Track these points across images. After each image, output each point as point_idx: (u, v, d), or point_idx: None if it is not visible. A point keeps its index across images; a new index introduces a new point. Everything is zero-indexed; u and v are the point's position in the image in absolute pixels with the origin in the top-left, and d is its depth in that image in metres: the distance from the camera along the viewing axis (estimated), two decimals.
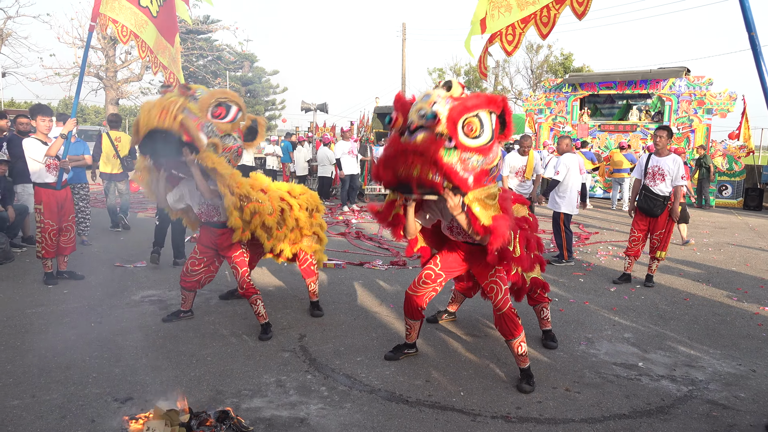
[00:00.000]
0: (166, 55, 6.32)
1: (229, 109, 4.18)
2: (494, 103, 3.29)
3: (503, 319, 3.72)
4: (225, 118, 4.15)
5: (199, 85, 4.28)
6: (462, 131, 3.12)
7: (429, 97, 3.22)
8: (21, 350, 4.14)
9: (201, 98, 4.03)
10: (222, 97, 4.16)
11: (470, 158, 3.16)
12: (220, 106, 4.12)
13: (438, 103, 3.15)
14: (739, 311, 5.60)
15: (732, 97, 15.02)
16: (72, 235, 6.08)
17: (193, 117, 3.93)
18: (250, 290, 4.55)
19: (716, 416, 3.43)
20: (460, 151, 3.11)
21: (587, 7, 3.71)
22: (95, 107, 52.03)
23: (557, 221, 7.53)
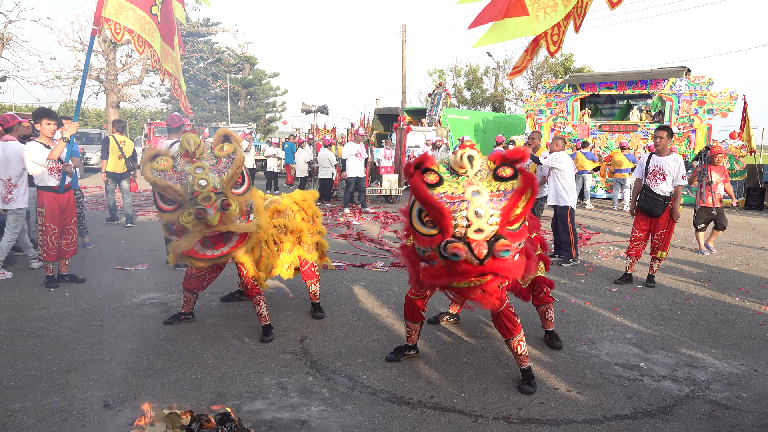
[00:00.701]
0: (169, 60, 6.28)
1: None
2: (529, 190, 3.19)
3: (501, 318, 3.72)
4: (242, 186, 4.26)
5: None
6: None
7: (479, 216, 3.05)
8: (22, 353, 4.14)
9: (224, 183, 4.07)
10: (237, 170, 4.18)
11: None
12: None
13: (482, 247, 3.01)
14: (741, 311, 5.59)
15: (732, 97, 15.00)
16: (74, 238, 6.09)
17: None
18: (255, 290, 4.55)
19: (718, 416, 3.43)
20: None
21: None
22: (96, 110, 52.04)
23: (564, 217, 7.49)
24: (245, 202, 4.18)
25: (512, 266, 3.19)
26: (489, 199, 3.10)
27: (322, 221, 5.33)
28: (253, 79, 43.90)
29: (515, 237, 3.15)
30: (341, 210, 12.77)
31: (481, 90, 38.56)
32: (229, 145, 4.19)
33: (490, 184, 3.18)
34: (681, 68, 15.59)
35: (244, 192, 4.19)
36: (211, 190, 3.92)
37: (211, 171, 4.02)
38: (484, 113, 27.23)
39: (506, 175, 3.13)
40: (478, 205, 3.03)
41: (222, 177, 4.01)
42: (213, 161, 4.13)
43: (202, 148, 4.14)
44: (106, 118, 28.61)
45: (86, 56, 6.11)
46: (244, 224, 4.21)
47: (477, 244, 2.96)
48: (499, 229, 3.05)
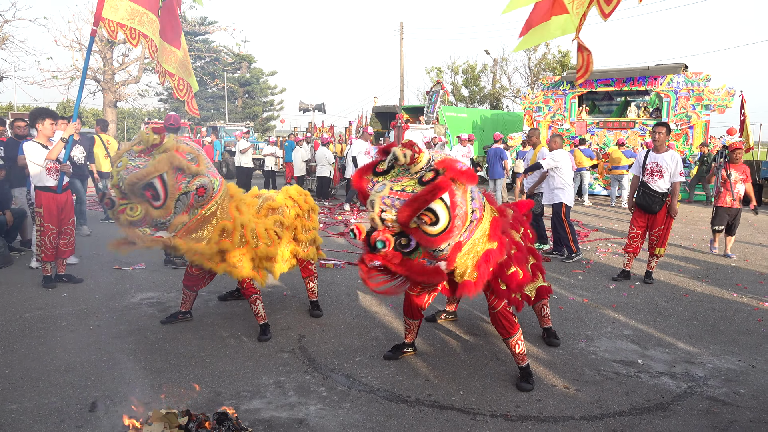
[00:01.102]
0: (171, 60, 6.23)
1: (155, 188, 3.94)
2: (438, 193, 3.13)
3: (499, 317, 3.71)
4: (158, 200, 3.96)
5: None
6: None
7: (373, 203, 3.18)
8: (19, 354, 4.14)
9: (130, 194, 3.93)
10: (141, 181, 3.89)
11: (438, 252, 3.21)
12: (147, 189, 3.92)
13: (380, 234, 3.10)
14: (739, 307, 5.60)
15: (730, 93, 15.01)
16: (71, 238, 6.08)
17: (138, 225, 4.01)
18: (250, 290, 4.55)
19: (716, 412, 3.43)
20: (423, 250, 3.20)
21: None
22: (93, 110, 51.98)
23: (558, 214, 7.54)
24: (159, 215, 3.95)
25: (416, 270, 3.18)
26: (388, 194, 3.12)
27: (318, 217, 5.32)
28: (250, 77, 43.86)
29: (428, 241, 3.08)
30: (341, 207, 12.75)
31: (479, 87, 38.53)
32: (154, 157, 3.89)
33: (412, 183, 3.15)
34: (678, 65, 15.60)
35: (159, 205, 3.91)
36: (113, 184, 3.96)
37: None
38: (482, 111, 27.20)
39: (426, 178, 3.09)
40: (372, 197, 3.17)
41: (128, 176, 3.86)
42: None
43: (160, 149, 3.95)
44: (104, 116, 28.58)
45: (85, 57, 6.07)
46: (144, 235, 4.03)
47: (356, 227, 3.17)
48: (402, 226, 3.07)
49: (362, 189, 3.33)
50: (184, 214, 4.06)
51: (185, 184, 3.96)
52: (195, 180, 4.01)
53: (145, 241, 4.02)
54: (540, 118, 17.68)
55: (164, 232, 4.07)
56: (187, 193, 3.99)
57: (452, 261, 3.23)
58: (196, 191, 4.02)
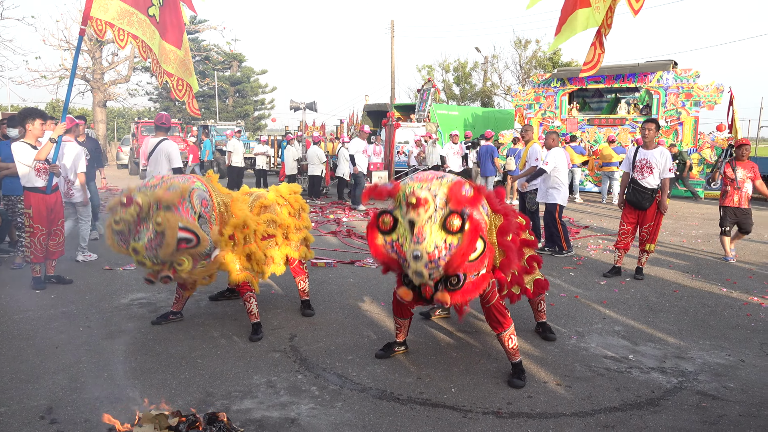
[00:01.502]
0: (171, 60, 6.18)
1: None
2: (480, 232, 3.22)
3: (492, 311, 3.72)
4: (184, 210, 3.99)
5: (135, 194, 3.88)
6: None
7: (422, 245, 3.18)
8: (8, 356, 4.10)
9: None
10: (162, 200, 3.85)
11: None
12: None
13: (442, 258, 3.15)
14: (728, 302, 5.64)
15: (719, 89, 15.11)
16: (61, 239, 6.03)
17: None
18: (245, 287, 4.53)
19: (706, 407, 3.45)
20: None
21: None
22: (83, 110, 51.61)
23: (552, 213, 7.60)
24: (202, 250, 4.02)
25: (470, 289, 3.27)
26: (428, 260, 3.12)
27: (308, 215, 5.31)
28: (241, 76, 43.67)
29: (472, 268, 3.20)
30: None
31: (470, 85, 38.54)
32: (158, 222, 3.77)
33: (438, 232, 3.13)
34: (668, 61, 15.68)
35: (197, 245, 3.92)
36: (153, 267, 3.94)
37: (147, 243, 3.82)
38: (473, 108, 27.23)
39: (454, 229, 3.09)
40: (417, 268, 3.16)
41: (158, 252, 3.81)
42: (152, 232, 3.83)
43: (145, 212, 3.83)
44: (93, 117, 28.37)
45: (74, 57, 6.02)
46: (204, 267, 4.21)
47: (424, 289, 3.29)
48: (451, 270, 3.15)
49: (388, 259, 3.34)
50: (212, 227, 4.19)
51: (191, 208, 3.99)
52: (192, 198, 4.02)
53: (210, 270, 4.29)
54: (531, 116, 17.73)
55: (214, 251, 4.29)
56: (200, 215, 4.07)
57: (490, 263, 3.42)
58: (201, 204, 4.09)
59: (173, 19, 6.15)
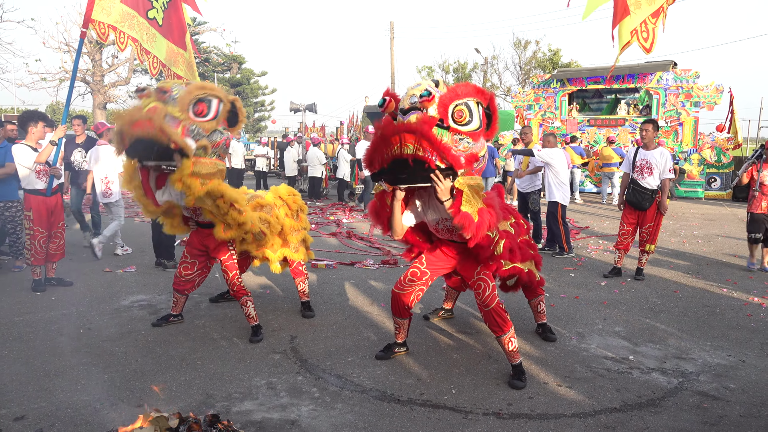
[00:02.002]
0: (179, 62, 6.16)
1: (209, 104, 3.98)
2: (482, 95, 3.36)
3: (491, 314, 3.72)
4: (207, 115, 3.96)
5: (173, 81, 4.09)
6: (452, 118, 3.21)
7: (420, 85, 3.30)
8: (8, 359, 4.10)
9: (179, 98, 3.83)
10: (200, 92, 3.94)
11: (461, 140, 3.24)
12: (201, 102, 3.93)
13: (430, 88, 3.25)
14: (729, 302, 5.63)
15: (719, 90, 15.11)
16: (61, 241, 6.03)
17: (175, 122, 3.80)
18: (241, 292, 4.53)
19: (706, 407, 3.45)
20: (452, 133, 3.20)
21: None
22: (83, 112, 51.65)
23: (554, 213, 7.63)
24: (212, 127, 3.99)
25: (417, 122, 3.11)
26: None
27: (306, 217, 5.31)
28: (241, 78, 43.68)
29: (464, 133, 3.24)
30: (334, 207, 12.73)
31: None
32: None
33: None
34: (667, 62, 15.68)
35: (214, 117, 3.99)
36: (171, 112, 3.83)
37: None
38: None
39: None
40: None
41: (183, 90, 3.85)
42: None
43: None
44: (93, 119, 28.38)
45: (75, 59, 6.02)
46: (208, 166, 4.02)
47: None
48: (440, 112, 3.19)
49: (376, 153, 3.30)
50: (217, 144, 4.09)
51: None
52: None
53: (212, 178, 4.01)
54: (531, 117, 17.73)
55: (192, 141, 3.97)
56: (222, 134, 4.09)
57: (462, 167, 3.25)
58: (225, 142, 4.13)
59: (176, 21, 6.15)
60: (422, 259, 3.96)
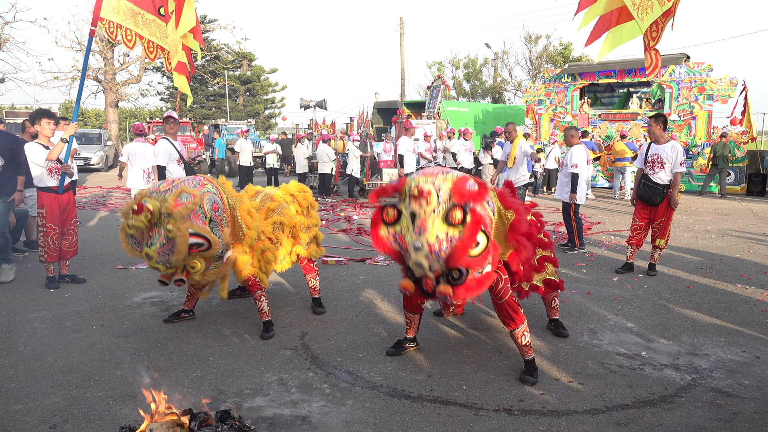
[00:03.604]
0: (174, 47, 6.13)
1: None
2: (483, 224, 3.20)
3: (504, 307, 3.70)
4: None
5: (147, 204, 3.82)
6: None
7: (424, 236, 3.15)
8: (23, 355, 4.15)
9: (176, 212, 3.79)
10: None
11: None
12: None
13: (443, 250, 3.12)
14: (743, 298, 5.57)
15: (732, 83, 14.93)
16: (74, 239, 6.08)
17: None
18: (256, 286, 4.55)
19: (720, 404, 3.42)
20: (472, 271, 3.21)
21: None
22: (95, 110, 52.03)
23: (567, 210, 7.65)
24: (214, 253, 4.04)
25: (473, 286, 3.21)
26: (429, 251, 3.11)
27: (317, 213, 5.32)
28: (251, 75, 43.82)
29: (474, 263, 3.15)
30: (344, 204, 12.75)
31: (480, 81, 38.44)
32: (169, 229, 3.74)
33: (440, 224, 3.13)
34: (680, 55, 15.52)
35: (208, 248, 3.94)
36: (167, 270, 3.96)
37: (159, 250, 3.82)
38: (483, 105, 27.15)
39: (456, 221, 3.09)
40: (417, 259, 3.15)
41: (170, 258, 3.83)
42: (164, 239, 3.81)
43: (156, 217, 3.81)
44: (105, 117, 28.61)
45: (84, 57, 6.07)
46: (217, 268, 4.23)
47: (425, 281, 3.21)
48: (452, 263, 3.10)
49: (390, 251, 3.34)
50: (224, 230, 4.17)
51: (202, 213, 3.98)
52: (203, 202, 4.00)
53: (223, 272, 4.31)
54: (542, 111, 17.63)
55: (227, 252, 4.29)
56: (211, 218, 4.05)
57: (495, 261, 3.35)
58: (212, 209, 4.07)
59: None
60: None
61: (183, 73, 6.29)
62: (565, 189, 7.63)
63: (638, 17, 4.56)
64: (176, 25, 5.93)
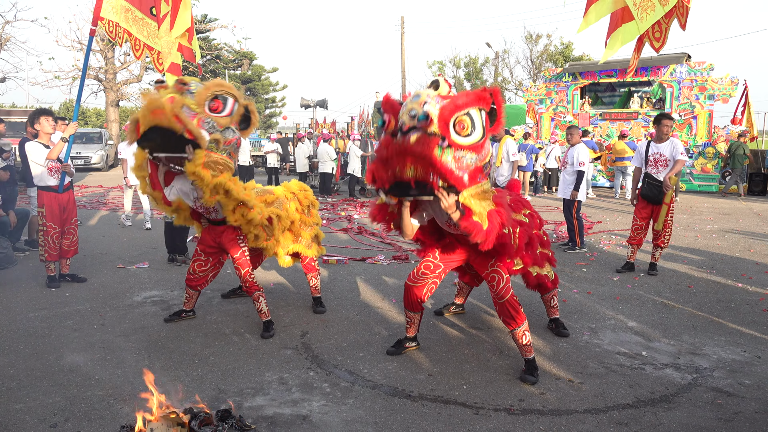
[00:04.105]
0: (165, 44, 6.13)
1: (225, 101, 4.08)
2: (483, 100, 3.23)
3: (505, 307, 3.70)
4: (223, 112, 4.05)
5: (192, 78, 4.17)
6: (454, 130, 3.08)
7: (419, 97, 3.17)
8: (24, 354, 4.15)
9: (197, 92, 3.94)
10: (218, 89, 4.05)
11: (464, 156, 3.11)
12: (217, 99, 4.02)
13: (428, 103, 3.10)
14: (744, 298, 5.57)
15: (734, 82, 14.93)
16: (74, 238, 6.08)
17: (192, 113, 3.89)
18: (254, 287, 4.55)
19: (721, 404, 3.41)
20: (454, 149, 3.06)
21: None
22: (96, 110, 52.05)
23: (570, 209, 7.64)
24: (226, 124, 4.10)
25: (417, 145, 3.02)
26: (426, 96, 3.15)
27: (318, 212, 5.31)
28: (252, 74, 43.79)
29: (466, 148, 3.11)
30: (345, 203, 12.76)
31: (481, 81, 38.41)
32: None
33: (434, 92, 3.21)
34: (681, 54, 15.51)
35: (229, 115, 4.12)
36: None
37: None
38: None
39: (445, 94, 3.19)
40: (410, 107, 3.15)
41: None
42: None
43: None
44: (106, 117, 28.61)
45: (85, 56, 6.07)
46: (221, 162, 4.11)
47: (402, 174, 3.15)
48: (441, 129, 3.04)
49: (387, 217, 3.46)
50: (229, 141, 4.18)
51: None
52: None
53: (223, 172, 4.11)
54: (543, 111, 17.62)
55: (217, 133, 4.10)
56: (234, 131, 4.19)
57: (466, 185, 3.19)
58: (236, 141, 4.22)
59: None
60: (435, 252, 3.94)
61: (177, 75, 6.23)
62: (569, 187, 7.62)
63: (638, 17, 4.57)
64: (171, 27, 5.91)
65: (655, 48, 4.65)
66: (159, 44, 6.02)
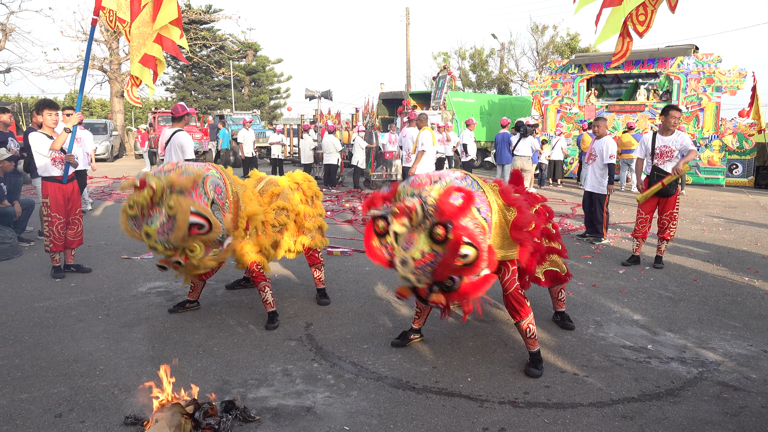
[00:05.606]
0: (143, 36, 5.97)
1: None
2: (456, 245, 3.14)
3: (510, 299, 3.69)
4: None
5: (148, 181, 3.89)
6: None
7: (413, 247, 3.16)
8: (29, 344, 4.16)
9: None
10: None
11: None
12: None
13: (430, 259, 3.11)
14: (750, 291, 5.53)
15: (742, 74, 14.79)
16: (79, 228, 6.09)
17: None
18: (260, 277, 4.54)
19: (727, 398, 3.39)
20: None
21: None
22: (101, 100, 52.10)
23: (601, 202, 7.69)
24: (214, 237, 3.96)
25: (468, 290, 3.17)
26: (415, 267, 3.14)
27: (321, 203, 5.30)
28: (256, 65, 43.70)
29: (467, 271, 3.11)
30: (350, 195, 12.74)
31: (487, 72, 38.22)
32: (171, 206, 3.70)
33: (425, 240, 3.12)
34: (689, 46, 15.37)
35: (209, 231, 3.85)
36: (165, 252, 3.87)
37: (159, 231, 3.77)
38: (489, 96, 27.00)
39: (439, 238, 3.06)
40: (404, 273, 3.21)
41: (169, 237, 3.76)
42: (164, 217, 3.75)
43: (158, 196, 3.78)
44: (111, 107, 28.63)
45: (87, 46, 6.04)
46: (216, 255, 4.12)
47: (419, 290, 3.28)
48: (437, 278, 3.12)
49: (384, 262, 3.37)
50: (225, 215, 4.12)
51: (204, 194, 3.94)
52: (206, 184, 3.96)
53: (222, 258, 4.21)
54: (548, 102, 17.52)
55: (227, 239, 4.21)
56: (213, 201, 4.01)
57: (493, 263, 3.26)
58: (215, 191, 4.03)
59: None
60: None
61: (149, 67, 6.02)
62: (600, 180, 7.57)
63: (626, 1, 4.39)
64: (153, 18, 5.74)
65: (639, 32, 4.40)
66: (135, 32, 5.81)
